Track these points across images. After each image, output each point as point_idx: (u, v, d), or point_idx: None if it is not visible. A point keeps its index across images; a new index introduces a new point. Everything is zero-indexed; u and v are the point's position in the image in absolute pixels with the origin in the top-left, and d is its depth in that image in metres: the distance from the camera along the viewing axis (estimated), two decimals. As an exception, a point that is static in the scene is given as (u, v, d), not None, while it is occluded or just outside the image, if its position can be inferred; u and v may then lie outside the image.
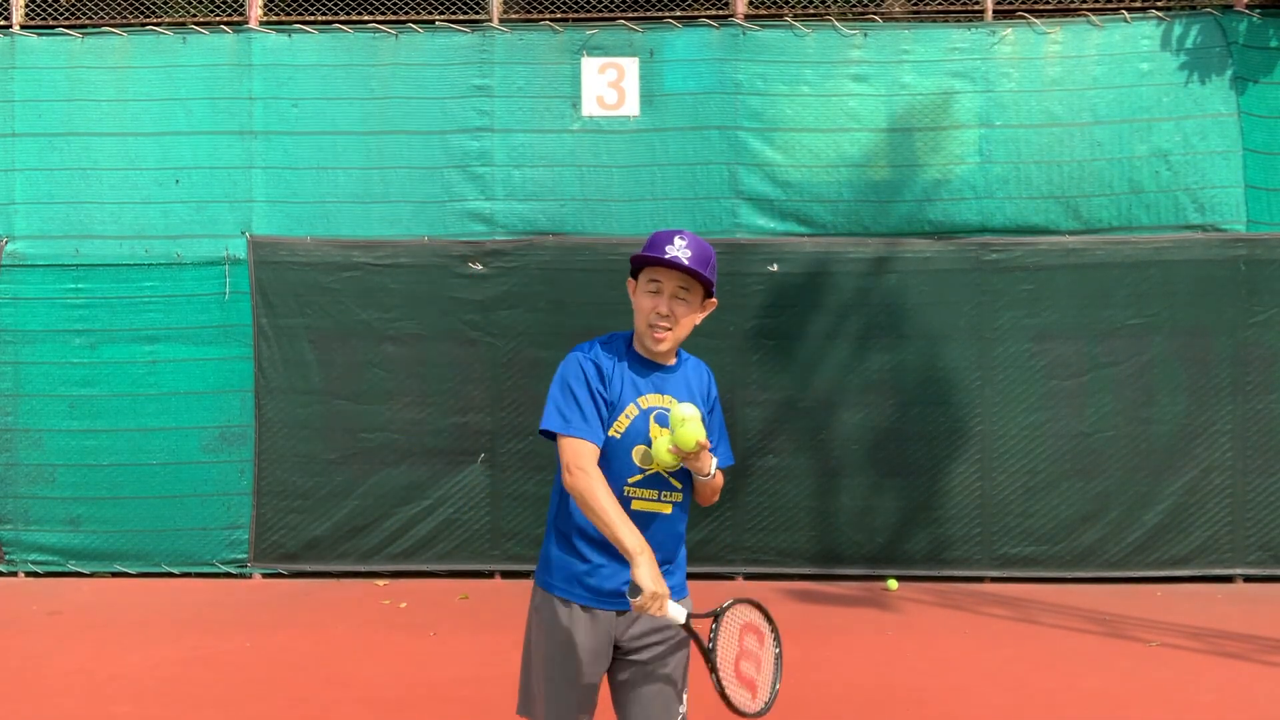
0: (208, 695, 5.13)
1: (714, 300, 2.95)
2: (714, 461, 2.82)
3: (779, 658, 2.83)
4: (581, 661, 2.82)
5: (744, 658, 2.77)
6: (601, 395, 2.80)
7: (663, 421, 2.81)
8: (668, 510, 2.84)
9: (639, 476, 2.81)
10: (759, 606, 2.85)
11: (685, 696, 2.94)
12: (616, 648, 2.86)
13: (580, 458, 2.75)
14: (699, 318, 2.94)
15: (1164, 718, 4.83)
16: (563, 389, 2.82)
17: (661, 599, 2.58)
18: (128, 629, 6.23)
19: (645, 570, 2.58)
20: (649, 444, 2.79)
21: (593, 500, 2.69)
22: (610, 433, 2.79)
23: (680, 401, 2.84)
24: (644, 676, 2.86)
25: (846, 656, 5.72)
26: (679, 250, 2.79)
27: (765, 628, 2.85)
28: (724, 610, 2.76)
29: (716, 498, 2.98)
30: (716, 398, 3.04)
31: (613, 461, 2.79)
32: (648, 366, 2.89)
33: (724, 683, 2.70)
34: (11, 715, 4.89)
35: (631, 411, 2.82)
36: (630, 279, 2.94)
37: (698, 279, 2.83)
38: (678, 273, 2.82)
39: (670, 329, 2.84)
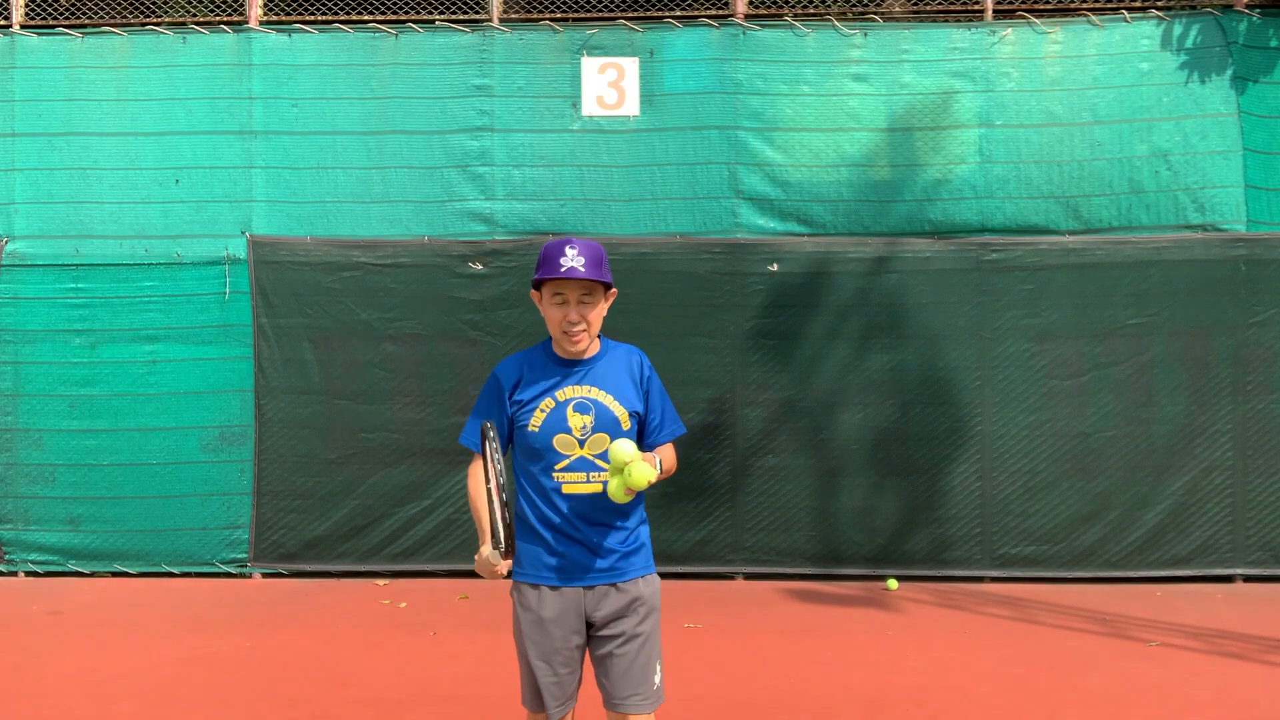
0: (208, 695, 5.13)
1: (614, 290, 3.19)
2: (657, 468, 3.07)
3: (496, 472, 2.94)
4: (554, 635, 3.10)
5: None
6: (499, 406, 3.15)
7: (582, 409, 3.12)
8: (598, 489, 3.08)
9: (565, 462, 3.09)
10: (487, 437, 2.99)
11: (659, 665, 3.19)
12: (590, 624, 3.13)
13: (472, 464, 3.25)
14: (606, 308, 3.18)
15: (1164, 718, 4.83)
16: (475, 406, 3.26)
17: (491, 569, 3.07)
18: (128, 629, 6.23)
19: (478, 555, 3.09)
20: (568, 431, 3.08)
21: (471, 499, 3.21)
22: (529, 427, 3.10)
23: (608, 394, 3.13)
24: (619, 648, 3.11)
25: (846, 656, 5.72)
26: (573, 261, 3.03)
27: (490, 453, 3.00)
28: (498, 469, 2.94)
29: (675, 468, 3.27)
30: (650, 375, 3.25)
31: (539, 452, 3.10)
32: (565, 364, 3.16)
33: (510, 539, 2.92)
34: (11, 715, 4.89)
35: (547, 405, 3.11)
36: (534, 291, 3.17)
37: (597, 283, 3.09)
38: (578, 281, 3.06)
39: (584, 329, 3.09)
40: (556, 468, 3.10)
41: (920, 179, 7.23)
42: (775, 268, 7.23)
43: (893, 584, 7.09)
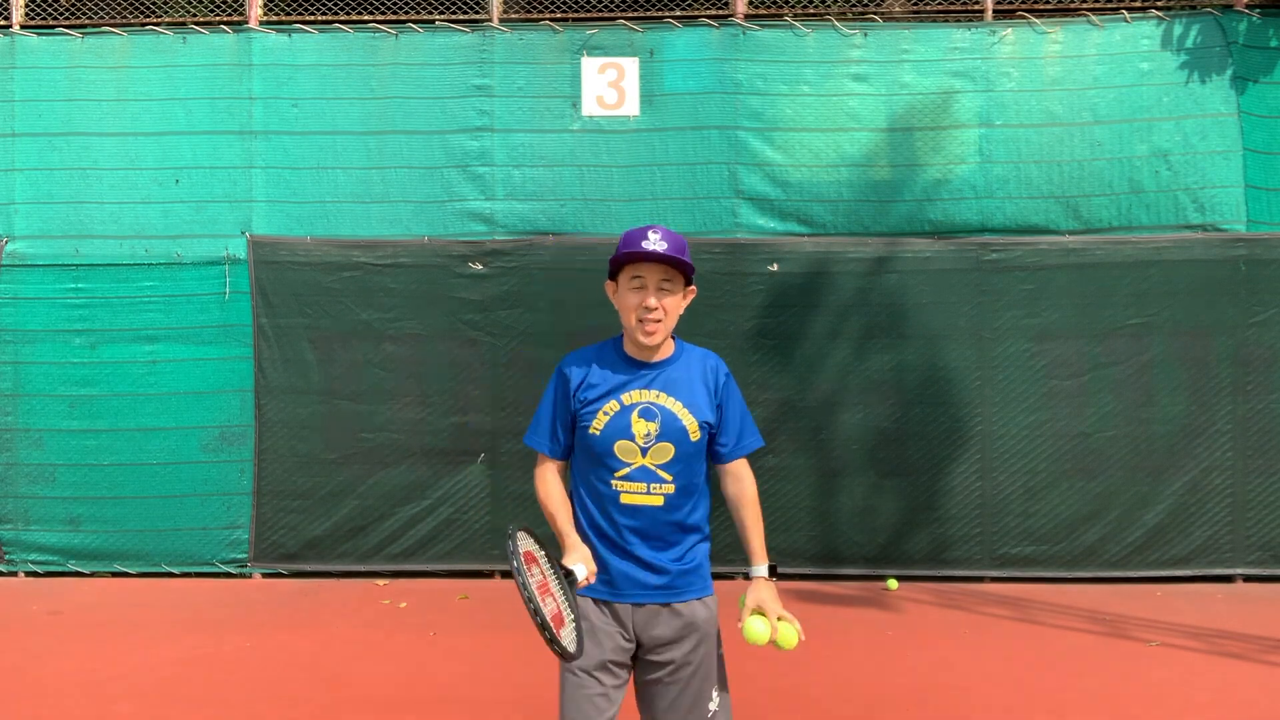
0: (208, 695, 5.13)
1: (694, 288, 3.01)
2: (794, 623, 2.90)
3: (559, 575, 2.75)
4: (603, 643, 2.89)
5: (544, 594, 2.68)
6: (565, 404, 2.98)
7: (648, 416, 2.91)
8: (658, 502, 2.92)
9: (624, 470, 2.91)
10: (524, 529, 2.76)
11: (716, 694, 2.99)
12: (639, 645, 2.94)
13: (539, 465, 3.06)
14: (684, 306, 2.98)
15: (1164, 718, 4.83)
16: (540, 402, 3.07)
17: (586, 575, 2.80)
18: (128, 629, 6.23)
19: (568, 556, 2.83)
20: (631, 438, 2.90)
21: (542, 504, 3.00)
22: (590, 430, 2.91)
23: (678, 401, 2.94)
24: (669, 677, 2.93)
25: (846, 656, 5.72)
26: (656, 243, 2.85)
27: (536, 549, 2.78)
28: (516, 568, 2.64)
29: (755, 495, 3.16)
30: (726, 384, 3.06)
31: (598, 457, 2.92)
32: (635, 365, 2.97)
33: (554, 637, 2.60)
34: (11, 715, 4.89)
35: (611, 408, 2.91)
36: (609, 281, 3.00)
37: (678, 268, 2.90)
38: (659, 265, 2.88)
39: (660, 320, 2.89)
40: (616, 475, 2.92)
41: (920, 179, 7.23)
42: (775, 268, 7.23)
43: (893, 584, 7.09)
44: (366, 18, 7.43)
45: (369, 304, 7.29)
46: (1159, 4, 7.27)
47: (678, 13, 7.36)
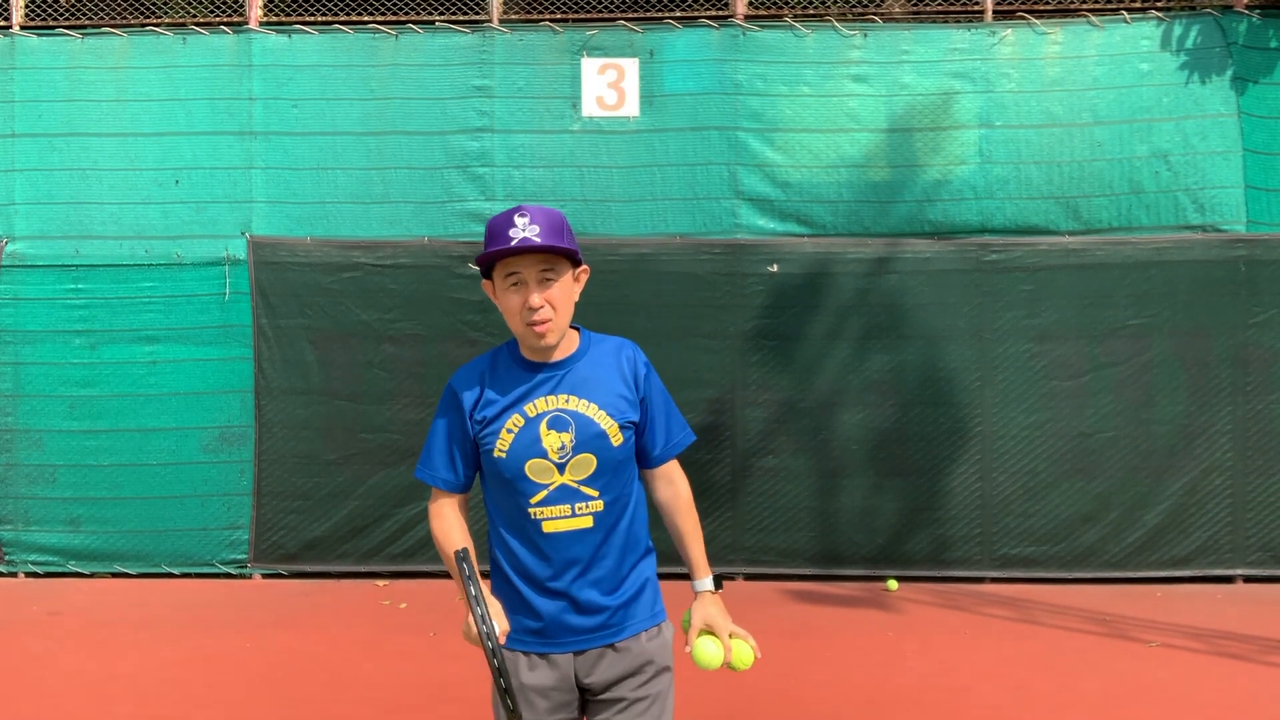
0: (208, 695, 5.13)
1: (585, 267, 2.58)
2: (750, 640, 2.60)
3: (482, 618, 2.35)
4: (538, 706, 2.53)
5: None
6: (460, 427, 2.58)
7: (559, 425, 2.51)
8: (588, 524, 2.52)
9: (541, 494, 2.51)
10: (457, 558, 2.47)
11: None
12: (586, 690, 2.57)
13: (433, 502, 2.68)
14: (577, 292, 2.56)
15: (1164, 718, 4.83)
16: (431, 429, 2.67)
17: (476, 640, 2.41)
18: (128, 629, 6.23)
19: (465, 621, 2.48)
20: (543, 454, 2.50)
21: (440, 547, 2.64)
22: (495, 453, 2.52)
23: (591, 403, 2.54)
24: (618, 715, 2.55)
25: (846, 656, 5.72)
26: (525, 230, 2.42)
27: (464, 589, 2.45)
28: (475, 597, 2.40)
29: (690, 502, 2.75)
30: (647, 374, 2.63)
31: (509, 483, 2.53)
32: (534, 369, 2.55)
33: (514, 696, 2.38)
34: (11, 715, 4.89)
35: (515, 424, 2.51)
36: (485, 281, 2.58)
37: (559, 253, 2.47)
38: (534, 255, 2.45)
39: (549, 318, 2.47)
40: (533, 501, 2.51)
41: (920, 180, 7.24)
42: (775, 268, 7.23)
43: (893, 584, 7.09)
44: (366, 18, 7.43)
45: (369, 304, 7.29)
46: (1159, 5, 7.27)
47: (678, 13, 7.36)
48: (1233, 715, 4.85)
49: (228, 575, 7.38)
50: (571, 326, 2.59)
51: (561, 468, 2.50)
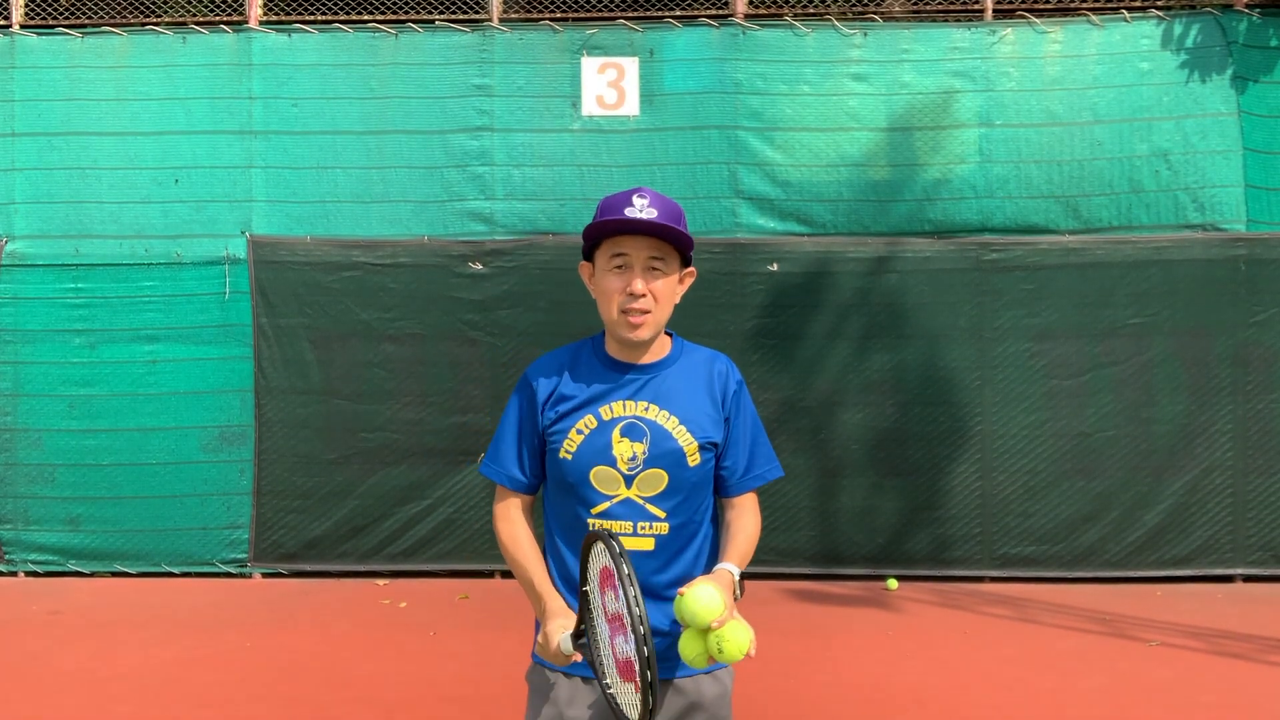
0: (208, 695, 5.13)
1: (693, 269, 2.41)
2: (735, 584, 2.24)
3: (635, 598, 1.94)
4: None
5: (615, 630, 2.08)
6: (532, 422, 2.37)
7: (634, 434, 2.29)
8: (648, 545, 2.29)
9: (605, 504, 2.30)
10: (605, 540, 2.05)
11: None
12: None
13: (499, 501, 2.44)
14: (680, 292, 2.37)
15: (1164, 718, 4.83)
16: (501, 419, 2.43)
17: (564, 658, 2.16)
18: (128, 629, 6.23)
19: (551, 623, 2.19)
20: (611, 463, 2.29)
21: (507, 553, 2.38)
22: (561, 454, 2.31)
23: (673, 415, 2.28)
24: None
25: (846, 656, 5.72)
26: (644, 210, 2.21)
27: (610, 562, 2.04)
28: (589, 595, 2.12)
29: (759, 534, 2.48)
30: (738, 394, 2.42)
31: (571, 488, 2.32)
32: (619, 369, 2.34)
33: (616, 701, 2.10)
34: (11, 715, 4.89)
35: (587, 424, 2.30)
36: (584, 263, 2.37)
37: (673, 241, 2.27)
38: (647, 239, 2.25)
39: (649, 310, 2.26)
40: (594, 511, 2.30)
41: (920, 179, 7.23)
42: (775, 267, 7.23)
43: (893, 584, 7.09)
44: (366, 18, 7.43)
45: (369, 304, 7.29)
46: (1159, 4, 7.26)
47: (678, 12, 7.36)
48: (1233, 715, 4.85)
49: (228, 575, 7.38)
50: (665, 331, 2.41)
51: (629, 480, 2.30)
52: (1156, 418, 7.12)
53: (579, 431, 2.31)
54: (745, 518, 2.43)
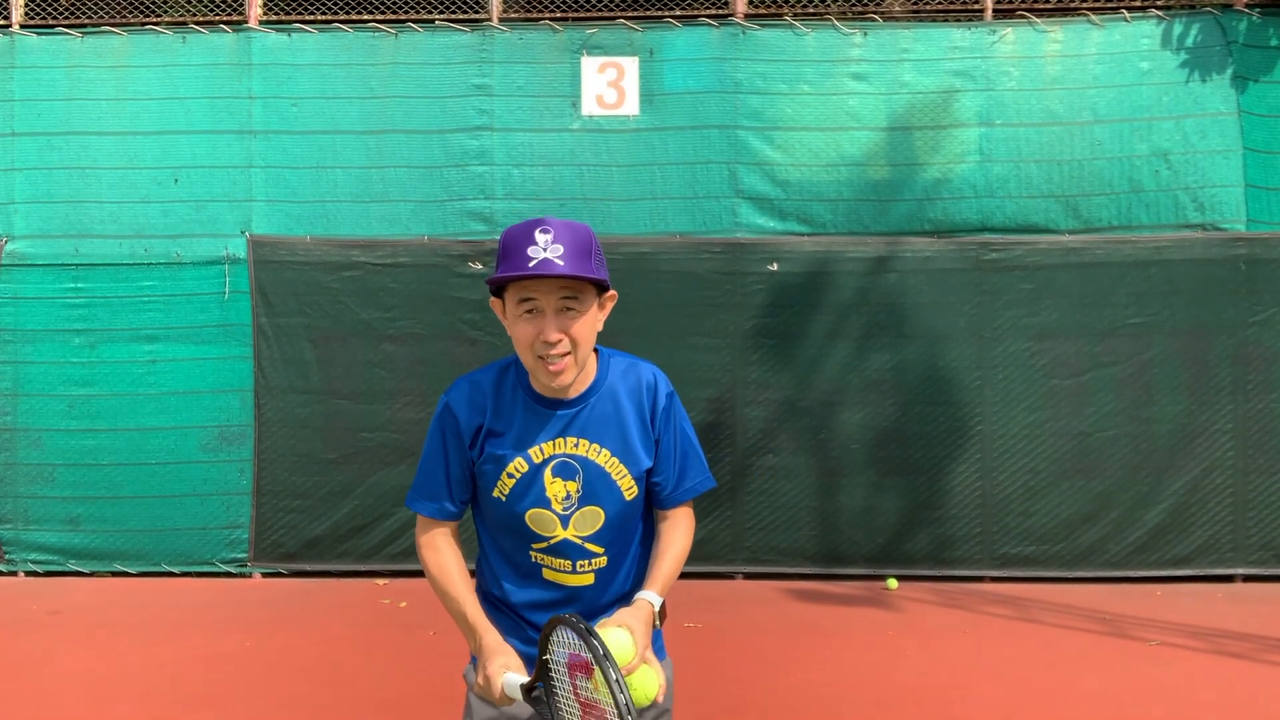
0: (208, 695, 5.13)
1: (613, 292, 2.23)
2: (662, 675, 2.12)
3: (617, 681, 1.82)
4: None
5: (587, 713, 1.95)
6: (460, 452, 2.28)
7: (566, 473, 2.22)
8: (588, 580, 2.27)
9: (544, 544, 2.26)
10: (573, 625, 1.90)
11: None
12: None
13: (424, 531, 2.37)
14: (602, 318, 2.22)
15: (1164, 718, 4.83)
16: (425, 449, 2.34)
17: (504, 699, 2.12)
18: (128, 628, 6.23)
19: (491, 661, 2.16)
20: (546, 505, 2.23)
21: (436, 585, 2.33)
22: (495, 493, 2.26)
23: (604, 449, 2.21)
24: None
25: (847, 656, 5.71)
26: (546, 250, 2.06)
27: (586, 652, 1.90)
28: (550, 667, 1.99)
29: (689, 548, 2.38)
30: (668, 407, 2.30)
31: (509, 526, 2.28)
32: (545, 404, 2.24)
33: None
34: (11, 715, 4.89)
35: (518, 468, 2.23)
36: (494, 299, 2.22)
37: (585, 281, 2.13)
38: (555, 281, 2.10)
39: (568, 354, 2.14)
40: (534, 546, 2.28)
41: (920, 178, 7.23)
42: (775, 267, 7.23)
43: (893, 583, 7.08)
44: (366, 17, 7.43)
45: (369, 304, 7.29)
46: (1159, 3, 7.26)
47: (678, 12, 7.36)
48: (1233, 715, 4.85)
49: (228, 574, 7.38)
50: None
51: (565, 520, 2.24)
52: (1156, 417, 7.11)
53: (510, 475, 2.24)
54: (676, 533, 2.36)
